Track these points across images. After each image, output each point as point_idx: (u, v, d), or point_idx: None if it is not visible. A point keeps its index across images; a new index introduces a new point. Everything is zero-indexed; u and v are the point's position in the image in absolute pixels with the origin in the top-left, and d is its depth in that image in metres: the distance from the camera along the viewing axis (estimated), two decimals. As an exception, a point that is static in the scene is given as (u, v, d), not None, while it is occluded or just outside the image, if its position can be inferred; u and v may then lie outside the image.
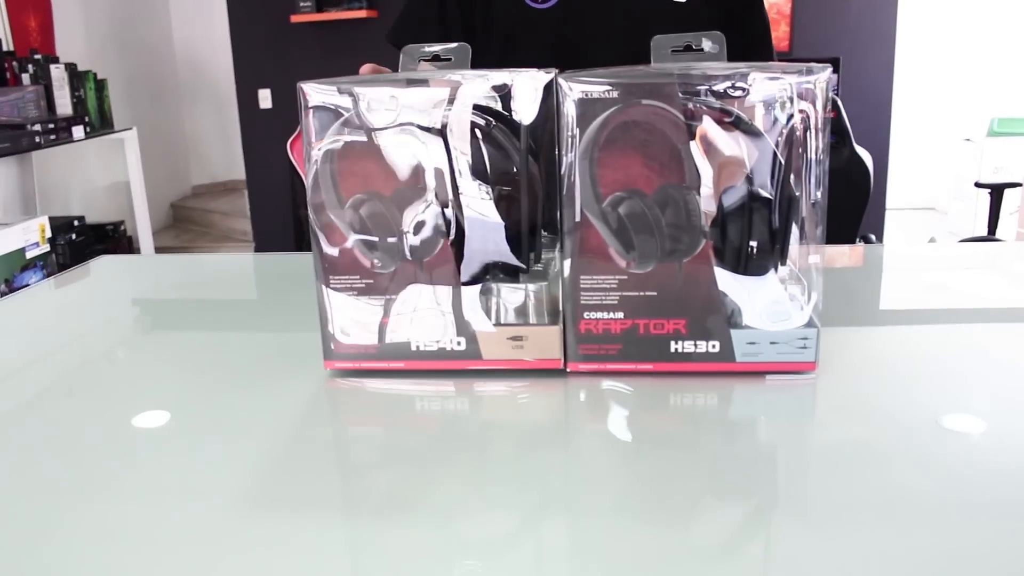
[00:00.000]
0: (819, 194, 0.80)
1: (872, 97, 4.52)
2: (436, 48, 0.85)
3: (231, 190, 6.33)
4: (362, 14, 4.69)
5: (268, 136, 5.01)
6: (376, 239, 0.82)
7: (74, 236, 4.08)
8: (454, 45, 0.85)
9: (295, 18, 4.71)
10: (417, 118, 0.80)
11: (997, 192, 3.49)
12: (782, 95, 0.78)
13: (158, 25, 6.03)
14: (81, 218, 4.21)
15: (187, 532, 0.60)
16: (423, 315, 0.83)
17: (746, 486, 0.66)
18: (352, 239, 0.82)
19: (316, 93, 0.81)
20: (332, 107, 0.80)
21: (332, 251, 0.83)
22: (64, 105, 4.23)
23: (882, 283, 1.25)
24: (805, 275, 0.81)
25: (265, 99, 5.04)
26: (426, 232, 0.82)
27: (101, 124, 4.46)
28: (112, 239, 4.48)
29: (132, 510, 0.63)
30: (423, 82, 0.80)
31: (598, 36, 1.25)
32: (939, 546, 0.56)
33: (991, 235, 3.48)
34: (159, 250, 4.84)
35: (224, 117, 6.27)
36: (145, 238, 4.53)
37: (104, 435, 0.78)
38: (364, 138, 0.80)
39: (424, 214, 0.81)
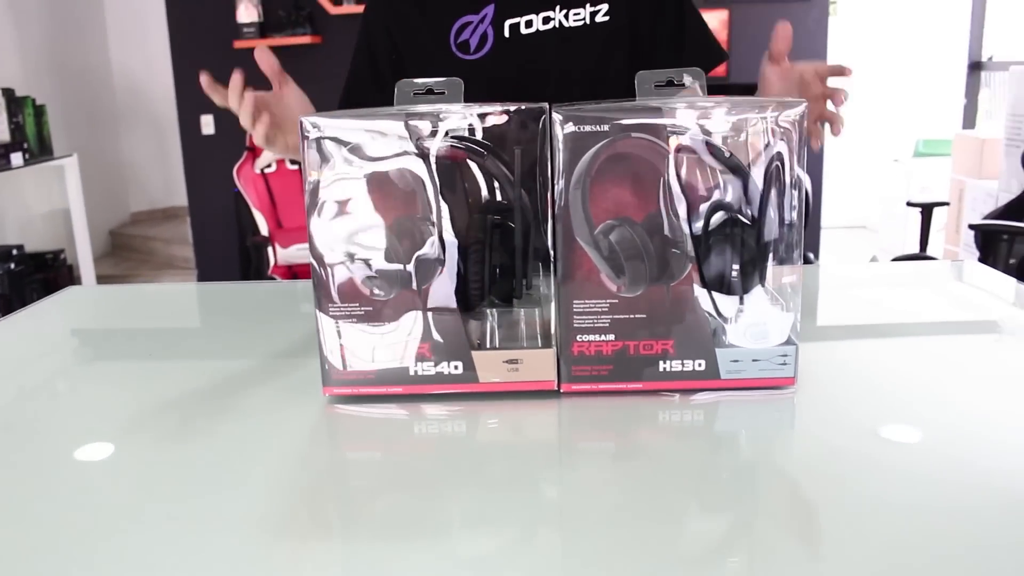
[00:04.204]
0: (794, 216, 0.85)
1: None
2: (429, 82, 0.88)
3: (171, 216, 6.24)
4: (306, 40, 4.69)
5: (211, 162, 4.96)
6: (374, 268, 0.84)
7: (13, 265, 3.98)
8: (446, 79, 0.88)
9: (238, 44, 4.69)
10: (413, 149, 0.83)
11: (927, 211, 3.64)
12: (762, 127, 0.83)
13: (95, 50, 5.93)
14: (20, 247, 4.12)
15: (198, 558, 0.62)
16: (421, 340, 0.86)
17: (736, 499, 0.70)
18: (352, 268, 0.85)
19: (315, 126, 0.83)
20: (331, 139, 0.83)
21: (330, 278, 0.85)
22: (1, 131, 4.13)
23: (846, 301, 1.31)
24: (782, 294, 0.86)
25: (207, 125, 4.98)
26: (424, 260, 0.84)
27: (40, 151, 4.37)
28: (52, 268, 4.38)
29: (146, 538, 0.64)
30: (417, 115, 0.83)
31: (531, 76, 1.27)
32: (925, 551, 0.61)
33: (923, 252, 3.62)
34: (99, 279, 4.75)
35: (163, 142, 6.18)
36: (86, 267, 4.44)
37: (114, 465, 0.78)
38: (362, 169, 0.83)
39: (421, 242, 0.84)
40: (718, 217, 0.84)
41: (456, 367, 0.86)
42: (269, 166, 4.15)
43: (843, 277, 1.49)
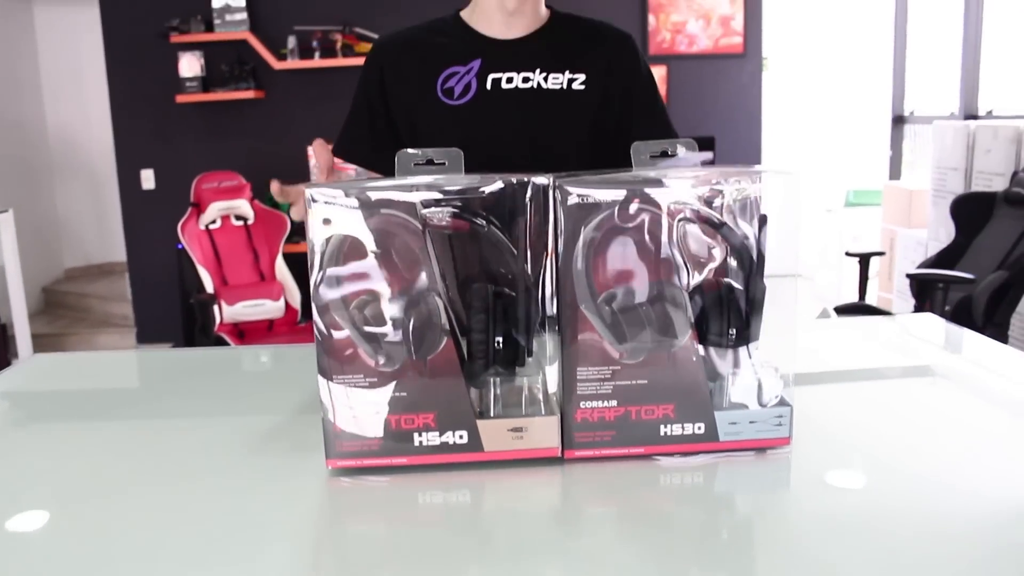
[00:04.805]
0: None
1: (744, 173, 4.81)
2: (429, 152, 0.90)
3: (107, 272, 6.09)
4: (250, 95, 4.67)
5: (151, 217, 4.87)
6: (380, 338, 0.84)
7: (-57, 326, 3.83)
8: (447, 150, 0.90)
9: (181, 98, 4.65)
10: (417, 220, 0.84)
11: (864, 261, 3.77)
12: (751, 198, 0.86)
13: (29, 104, 5.80)
14: (-50, 306, 3.97)
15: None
16: (425, 410, 0.86)
17: (738, 561, 0.72)
18: (356, 338, 0.85)
19: (320, 196, 0.83)
20: (336, 208, 0.83)
21: (336, 349, 0.85)
22: (-68, 188, 4.01)
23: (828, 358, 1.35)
24: (775, 356, 0.89)
25: (148, 179, 4.91)
26: (428, 330, 0.85)
27: (-28, 207, 4.24)
28: (-17, 327, 4.23)
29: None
30: (420, 186, 0.84)
31: (506, 127, 1.37)
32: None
33: (862, 300, 3.74)
34: (33, 337, 4.59)
35: (99, 197, 6.06)
36: (21, 326, 4.29)
37: (108, 533, 0.76)
38: (367, 238, 0.84)
39: (426, 312, 0.85)
40: (714, 284, 0.87)
41: (461, 436, 0.87)
42: (214, 222, 4.10)
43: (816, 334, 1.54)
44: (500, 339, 0.85)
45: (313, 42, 4.65)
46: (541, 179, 0.85)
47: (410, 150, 0.90)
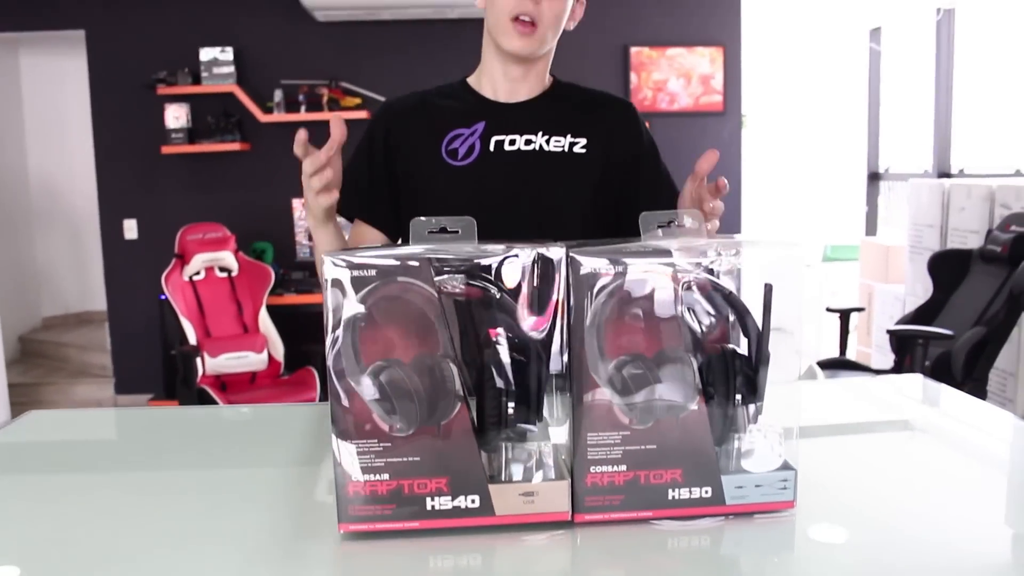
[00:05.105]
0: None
1: (723, 229, 4.89)
2: (443, 221, 0.92)
3: (85, 322, 6.04)
4: (235, 147, 4.70)
5: (133, 267, 4.85)
6: (395, 404, 0.86)
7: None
8: (460, 219, 0.92)
9: (166, 149, 4.66)
10: (432, 288, 0.86)
11: (844, 316, 3.83)
12: (757, 265, 0.89)
13: (12, 152, 5.79)
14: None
15: None
16: (438, 475, 0.87)
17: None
18: (371, 403, 0.86)
19: (339, 263, 0.85)
20: (354, 275, 0.85)
21: (350, 414, 0.86)
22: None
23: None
24: (780, 420, 0.92)
25: (130, 229, 4.90)
26: (443, 396, 0.86)
27: (-48, 256, 4.21)
28: (-40, 377, 4.18)
29: None
30: (436, 255, 0.86)
31: (509, 187, 1.39)
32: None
33: (843, 355, 3.79)
34: (10, 386, 4.53)
35: (79, 246, 6.04)
36: (-2, 374, 4.25)
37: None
38: (383, 306, 0.85)
39: (441, 379, 0.86)
40: (720, 349, 0.90)
41: (473, 501, 0.88)
42: (198, 273, 4.10)
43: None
44: (512, 404, 0.87)
45: (299, 96, 4.70)
46: (554, 250, 0.87)
47: (423, 218, 0.92)
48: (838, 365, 3.51)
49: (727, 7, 4.90)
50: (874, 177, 5.86)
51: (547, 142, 1.40)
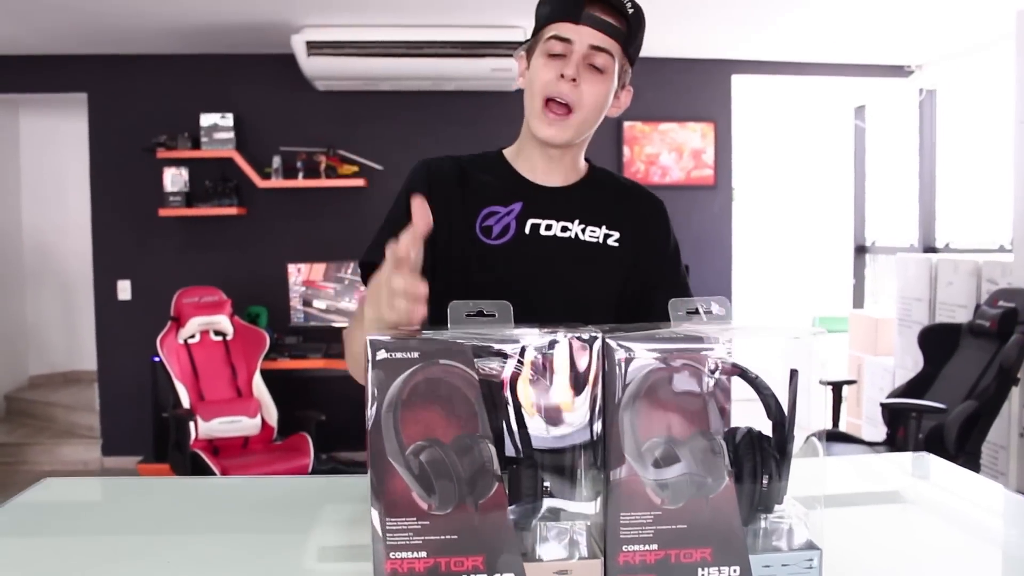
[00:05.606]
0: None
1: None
2: (481, 304, 0.95)
3: (72, 381, 6.00)
4: (232, 211, 4.74)
5: (125, 328, 4.85)
6: (434, 483, 0.88)
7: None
8: (497, 303, 0.95)
9: (163, 211, 4.70)
10: (473, 370, 0.88)
11: (837, 389, 3.87)
12: (781, 351, 0.93)
13: (6, 209, 5.81)
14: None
15: None
16: (475, 553, 0.89)
17: None
18: (410, 482, 0.88)
19: (381, 346, 0.88)
20: (397, 358, 0.88)
21: (389, 492, 0.88)
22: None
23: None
24: (803, 500, 0.94)
25: (124, 290, 4.91)
26: (482, 477, 0.88)
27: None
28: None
29: None
30: (481, 338, 0.89)
31: (542, 272, 1.38)
32: None
33: (835, 427, 3.82)
34: (-5, 448, 4.49)
35: (70, 305, 6.03)
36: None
37: None
38: (425, 389, 0.88)
39: (479, 459, 0.89)
40: (749, 433, 0.93)
41: (508, 579, 0.89)
42: (193, 336, 4.10)
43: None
44: (548, 484, 0.89)
45: (297, 162, 4.77)
46: (590, 333, 0.90)
47: (460, 301, 0.95)
48: (832, 437, 3.54)
49: (717, 84, 5.04)
50: (861, 250, 5.97)
51: (583, 231, 1.40)
